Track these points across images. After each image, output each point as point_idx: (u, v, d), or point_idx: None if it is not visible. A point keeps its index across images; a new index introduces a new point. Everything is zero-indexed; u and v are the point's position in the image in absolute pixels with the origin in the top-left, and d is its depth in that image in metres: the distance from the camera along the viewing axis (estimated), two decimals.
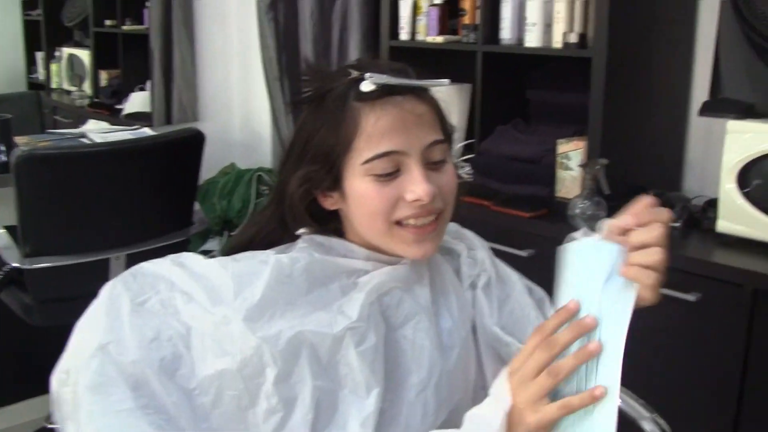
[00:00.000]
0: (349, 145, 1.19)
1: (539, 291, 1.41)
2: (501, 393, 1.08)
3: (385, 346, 1.20)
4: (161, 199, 2.90)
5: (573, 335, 1.05)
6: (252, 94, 4.27)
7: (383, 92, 1.18)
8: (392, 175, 1.18)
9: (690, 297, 2.16)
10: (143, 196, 2.84)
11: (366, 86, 1.17)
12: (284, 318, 1.15)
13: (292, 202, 1.24)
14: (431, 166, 1.20)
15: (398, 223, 1.20)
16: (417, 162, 1.18)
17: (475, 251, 1.39)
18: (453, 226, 1.43)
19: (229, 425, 1.13)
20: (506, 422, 1.06)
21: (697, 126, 2.78)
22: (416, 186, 1.17)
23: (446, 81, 1.25)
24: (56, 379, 1.15)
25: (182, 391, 1.11)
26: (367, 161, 1.17)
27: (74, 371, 1.12)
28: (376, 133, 1.17)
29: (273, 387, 1.11)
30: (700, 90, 2.71)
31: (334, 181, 1.22)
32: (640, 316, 2.20)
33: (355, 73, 1.20)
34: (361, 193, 1.20)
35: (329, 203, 1.25)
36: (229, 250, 1.31)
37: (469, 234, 1.44)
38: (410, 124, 1.18)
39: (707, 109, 2.43)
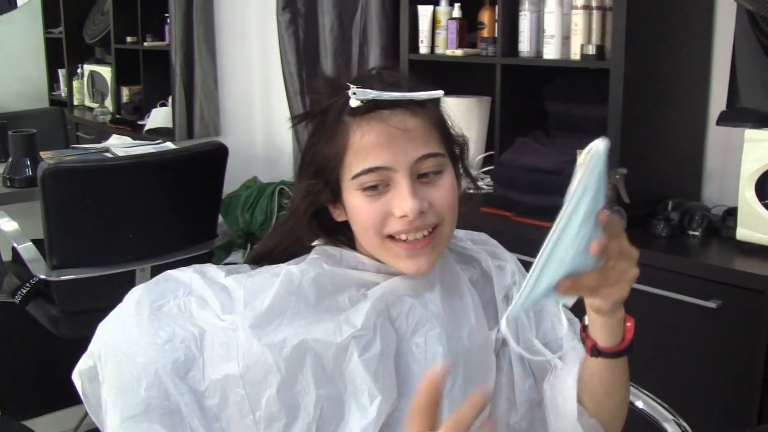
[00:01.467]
0: (341, 159, 1.20)
1: (568, 313, 1.37)
2: None
3: (397, 355, 1.20)
4: (185, 211, 2.94)
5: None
6: (273, 108, 4.30)
7: (371, 107, 1.18)
8: (381, 190, 1.19)
9: (711, 304, 2.19)
10: (167, 209, 2.88)
11: (353, 102, 1.18)
12: (290, 327, 1.16)
13: (297, 213, 1.27)
14: (423, 180, 1.20)
15: (391, 237, 1.20)
16: (405, 177, 1.17)
17: (503, 263, 1.38)
18: (481, 236, 1.44)
19: (234, 429, 1.16)
20: None
21: (716, 135, 2.79)
22: (402, 202, 1.17)
23: (440, 93, 1.23)
24: (77, 374, 1.22)
25: (193, 393, 1.15)
26: (355, 176, 1.18)
27: (93, 369, 1.19)
28: (362, 148, 1.18)
29: (276, 394, 1.14)
30: (718, 100, 2.72)
31: (334, 194, 1.24)
32: (663, 321, 2.24)
33: (352, 88, 1.20)
34: (353, 207, 1.21)
35: (337, 215, 1.27)
36: (250, 261, 1.34)
37: (496, 244, 1.44)
38: (396, 139, 1.17)
39: (725, 119, 2.45)
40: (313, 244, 1.32)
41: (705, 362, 2.27)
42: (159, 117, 4.85)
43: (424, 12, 3.21)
